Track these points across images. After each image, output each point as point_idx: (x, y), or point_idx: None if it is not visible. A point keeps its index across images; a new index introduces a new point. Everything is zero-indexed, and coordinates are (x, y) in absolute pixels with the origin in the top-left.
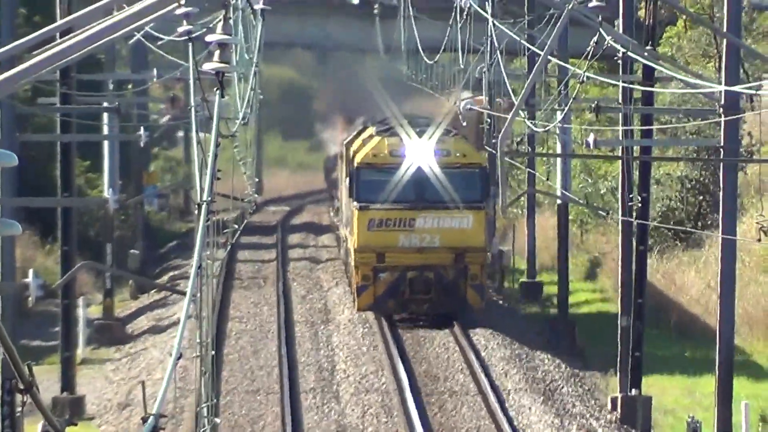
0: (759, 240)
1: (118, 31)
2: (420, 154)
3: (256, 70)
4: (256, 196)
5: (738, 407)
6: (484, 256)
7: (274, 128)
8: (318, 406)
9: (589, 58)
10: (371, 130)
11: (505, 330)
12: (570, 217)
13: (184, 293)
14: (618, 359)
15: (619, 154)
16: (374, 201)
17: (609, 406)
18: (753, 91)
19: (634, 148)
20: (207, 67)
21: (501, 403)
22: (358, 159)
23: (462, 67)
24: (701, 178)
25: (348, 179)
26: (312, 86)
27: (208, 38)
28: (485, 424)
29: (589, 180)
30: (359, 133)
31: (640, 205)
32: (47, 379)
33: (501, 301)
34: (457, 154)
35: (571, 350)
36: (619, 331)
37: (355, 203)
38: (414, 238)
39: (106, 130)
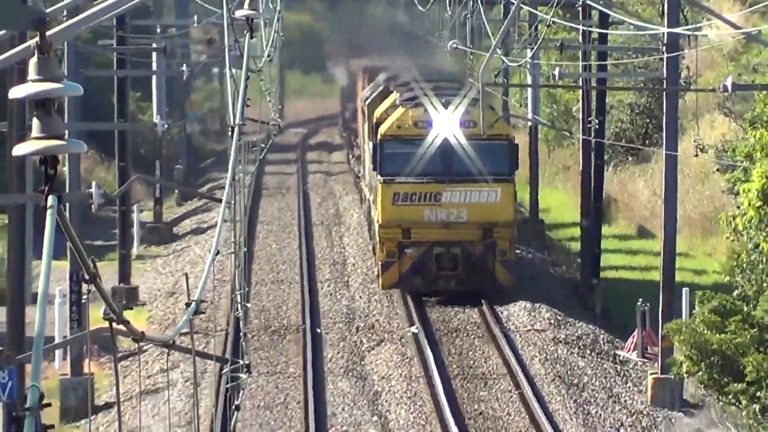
0: (696, 155)
1: None
2: (446, 125)
3: (279, 16)
4: (280, 120)
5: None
6: (513, 231)
7: (295, 64)
8: (332, 293)
9: (554, 5)
10: (395, 96)
11: None
12: (540, 137)
13: (220, 200)
14: (580, 252)
15: (580, 85)
16: (399, 174)
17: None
18: (690, 33)
19: (592, 79)
20: (238, 13)
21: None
22: (382, 130)
23: (449, 14)
24: (648, 104)
25: (372, 150)
26: (325, 30)
27: None
28: (471, 304)
29: (555, 107)
30: (382, 95)
31: (597, 126)
32: (108, 272)
33: None
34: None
35: (542, 246)
36: (580, 231)
37: (379, 177)
38: (440, 213)
39: (154, 67)
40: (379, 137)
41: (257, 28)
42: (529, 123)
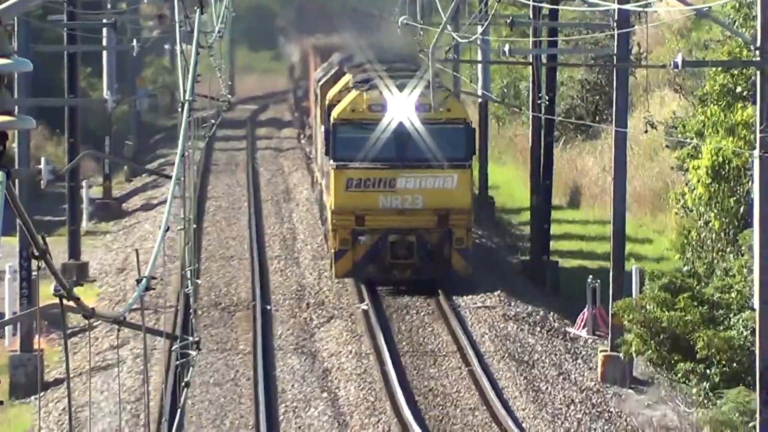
0: (645, 132)
1: None
2: (401, 109)
3: None
4: (229, 96)
5: (629, 270)
6: (470, 218)
7: (245, 40)
8: (282, 270)
9: None
10: (348, 78)
11: None
12: (489, 111)
13: (170, 177)
14: (530, 230)
15: (530, 61)
16: (352, 159)
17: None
18: (641, 9)
19: (543, 56)
20: None
21: None
22: (335, 114)
23: None
24: (598, 81)
25: (324, 134)
26: (274, 6)
27: None
28: (422, 282)
29: (505, 82)
30: (335, 77)
31: (547, 102)
32: (57, 248)
33: None
34: (441, 109)
35: (491, 222)
36: (530, 207)
37: (331, 162)
38: (395, 200)
39: (105, 43)
40: (332, 121)
41: (207, 4)
42: (479, 99)
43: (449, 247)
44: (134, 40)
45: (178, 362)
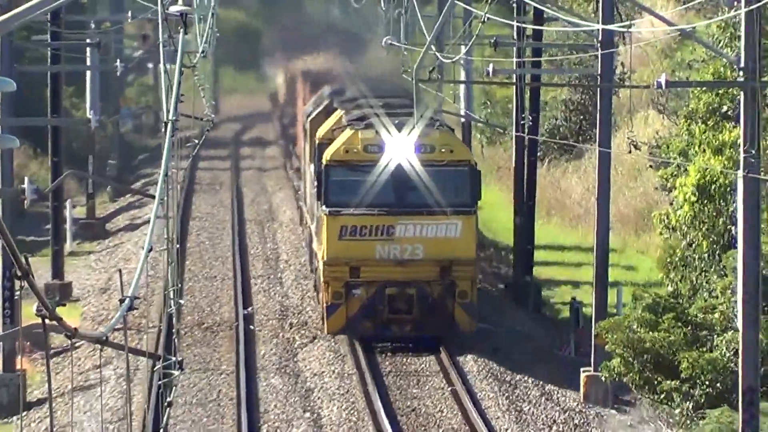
0: (629, 152)
1: None
2: (399, 150)
3: (213, 12)
4: (213, 116)
5: (613, 290)
6: (475, 270)
7: (229, 61)
8: (265, 290)
9: (489, 1)
10: (340, 115)
11: None
12: (473, 134)
13: (153, 197)
14: (513, 251)
15: (514, 81)
16: (346, 205)
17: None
18: (625, 30)
19: (526, 75)
20: (173, 9)
21: None
22: (327, 155)
23: (383, 9)
24: (582, 101)
25: (315, 176)
26: (259, 27)
27: None
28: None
29: (489, 103)
30: (326, 113)
31: (531, 123)
32: (40, 268)
33: None
34: (443, 150)
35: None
36: (513, 228)
37: (324, 207)
38: (393, 249)
39: (88, 62)
40: (323, 162)
41: (191, 24)
42: (462, 120)
43: (452, 301)
44: (118, 60)
45: (160, 382)
